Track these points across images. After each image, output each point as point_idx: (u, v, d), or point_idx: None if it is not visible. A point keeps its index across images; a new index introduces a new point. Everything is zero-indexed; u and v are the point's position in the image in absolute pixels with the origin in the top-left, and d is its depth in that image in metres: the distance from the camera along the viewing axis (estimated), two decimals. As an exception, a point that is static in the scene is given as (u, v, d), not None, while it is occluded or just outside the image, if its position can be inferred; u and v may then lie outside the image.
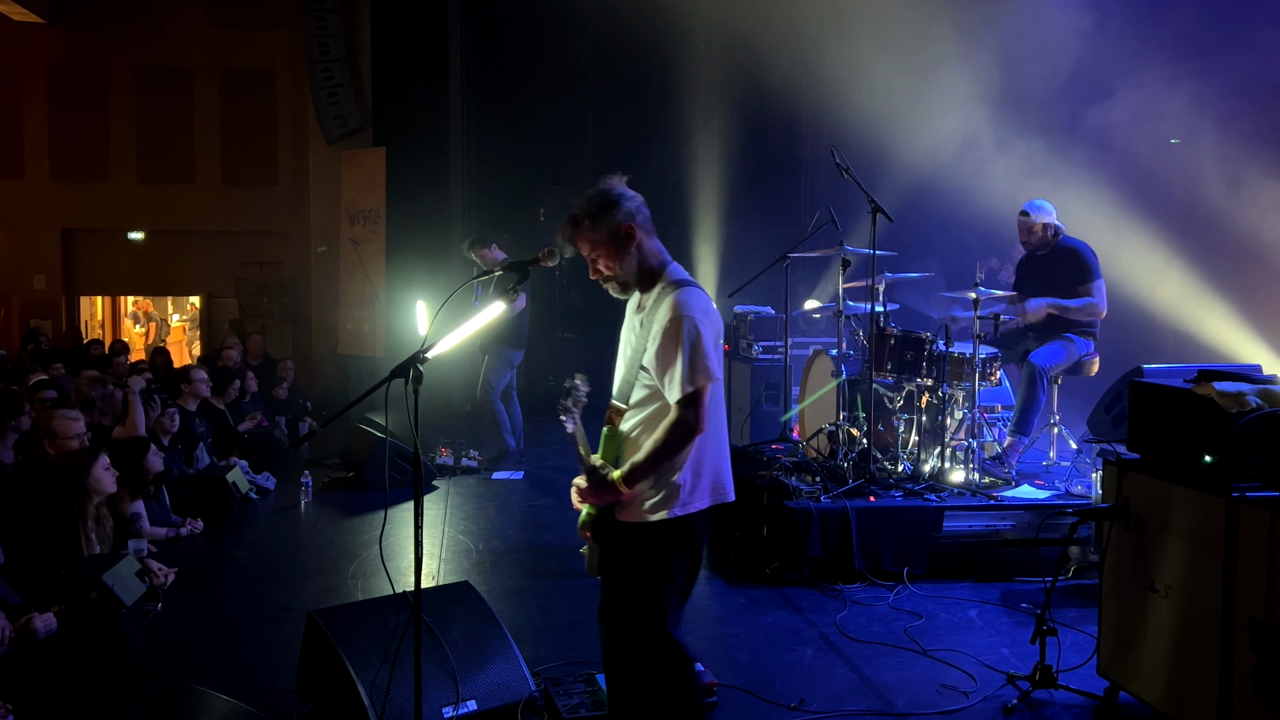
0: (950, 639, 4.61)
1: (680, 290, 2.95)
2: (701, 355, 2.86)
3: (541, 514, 6.89)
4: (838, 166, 5.91)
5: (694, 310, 2.90)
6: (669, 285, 2.99)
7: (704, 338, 2.88)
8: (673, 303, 2.91)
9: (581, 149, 11.62)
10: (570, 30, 11.33)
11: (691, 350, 2.85)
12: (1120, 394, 6.03)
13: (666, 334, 2.89)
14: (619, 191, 3.04)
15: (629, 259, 3.01)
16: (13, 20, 12.84)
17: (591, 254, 3.04)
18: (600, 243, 3.00)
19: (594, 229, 2.99)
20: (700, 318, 2.90)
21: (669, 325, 2.89)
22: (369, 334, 11.62)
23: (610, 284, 3.09)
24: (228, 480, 6.75)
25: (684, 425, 2.87)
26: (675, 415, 2.88)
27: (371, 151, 11.75)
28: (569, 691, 3.92)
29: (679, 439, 2.89)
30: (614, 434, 3.04)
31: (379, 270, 11.40)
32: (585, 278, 10.40)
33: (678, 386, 2.86)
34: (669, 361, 2.88)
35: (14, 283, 13.58)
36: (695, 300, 2.94)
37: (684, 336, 2.85)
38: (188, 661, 4.39)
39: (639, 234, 3.01)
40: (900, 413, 6.18)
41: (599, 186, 3.07)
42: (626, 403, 3.03)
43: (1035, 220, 6.45)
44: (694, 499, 2.98)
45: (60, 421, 5.37)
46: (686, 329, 2.86)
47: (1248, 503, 3.22)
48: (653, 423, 2.96)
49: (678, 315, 2.88)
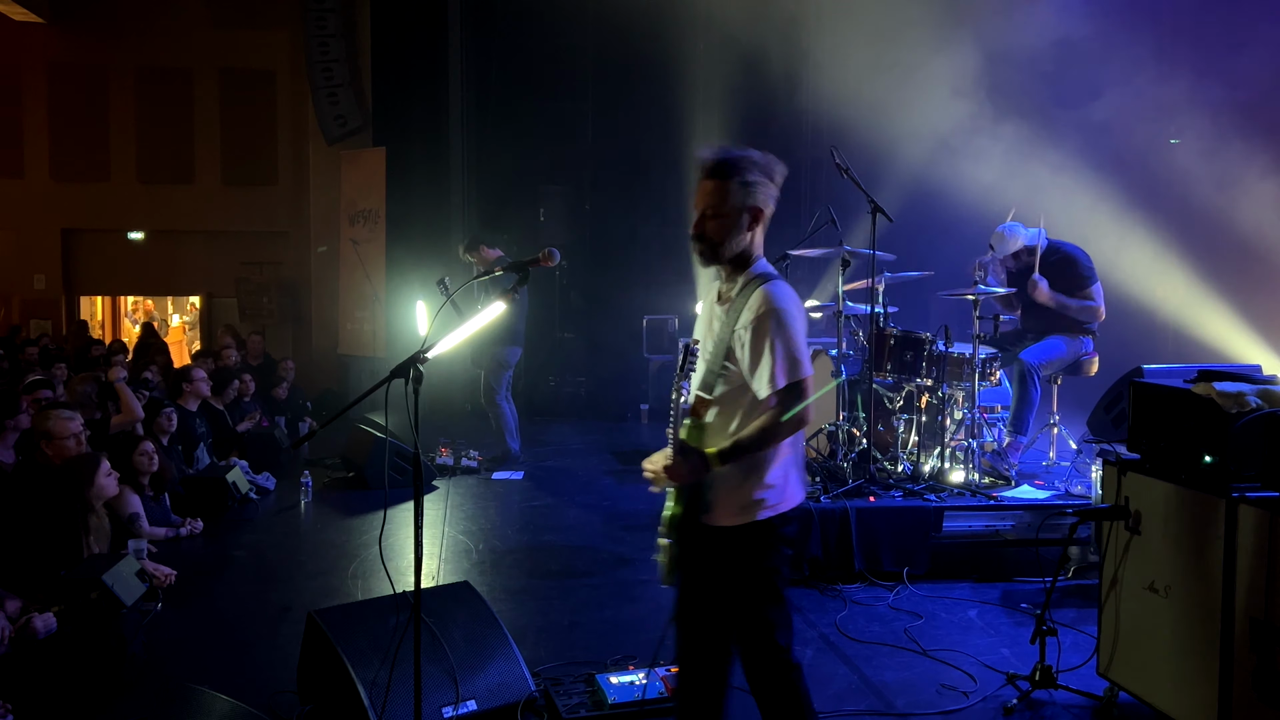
0: (950, 639, 4.61)
1: (771, 283, 2.85)
2: (796, 349, 2.79)
3: (541, 514, 6.90)
4: (837, 166, 5.91)
5: (787, 303, 2.82)
6: (758, 278, 2.88)
7: (796, 333, 2.81)
8: (765, 294, 2.82)
9: (581, 149, 11.62)
10: (570, 30, 11.33)
11: (786, 344, 2.78)
12: (1120, 394, 6.04)
13: (759, 327, 2.79)
14: (775, 171, 2.90)
15: (742, 237, 2.88)
16: (13, 20, 12.84)
17: (711, 207, 2.86)
18: (732, 203, 2.85)
19: (742, 188, 2.84)
20: (793, 310, 2.82)
21: (762, 317, 2.79)
22: (369, 334, 11.62)
23: (704, 246, 2.90)
24: (228, 480, 6.75)
25: (790, 416, 2.77)
26: (779, 407, 2.77)
27: (371, 151, 11.75)
28: (569, 691, 3.92)
29: (785, 429, 2.79)
30: (699, 425, 2.93)
31: (379, 270, 11.40)
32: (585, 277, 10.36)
33: (772, 379, 2.77)
34: (760, 354, 2.79)
35: (14, 283, 13.58)
36: (787, 294, 2.85)
37: (778, 329, 2.77)
38: (188, 661, 4.39)
39: (763, 220, 2.91)
40: (900, 413, 6.18)
41: (763, 155, 2.90)
42: (710, 393, 2.92)
43: (1008, 250, 6.40)
44: (785, 497, 2.90)
45: (56, 422, 5.37)
46: (782, 321, 2.78)
47: (1247, 503, 3.22)
48: (734, 415, 2.87)
49: (772, 308, 2.79)
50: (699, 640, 2.99)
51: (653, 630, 4.73)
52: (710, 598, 2.93)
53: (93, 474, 4.96)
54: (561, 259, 3.09)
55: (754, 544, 2.88)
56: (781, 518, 2.90)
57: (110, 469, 5.09)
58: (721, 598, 2.91)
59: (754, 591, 2.89)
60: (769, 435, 2.80)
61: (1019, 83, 9.22)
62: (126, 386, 6.46)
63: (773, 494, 2.87)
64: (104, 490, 5.00)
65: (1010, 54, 8.95)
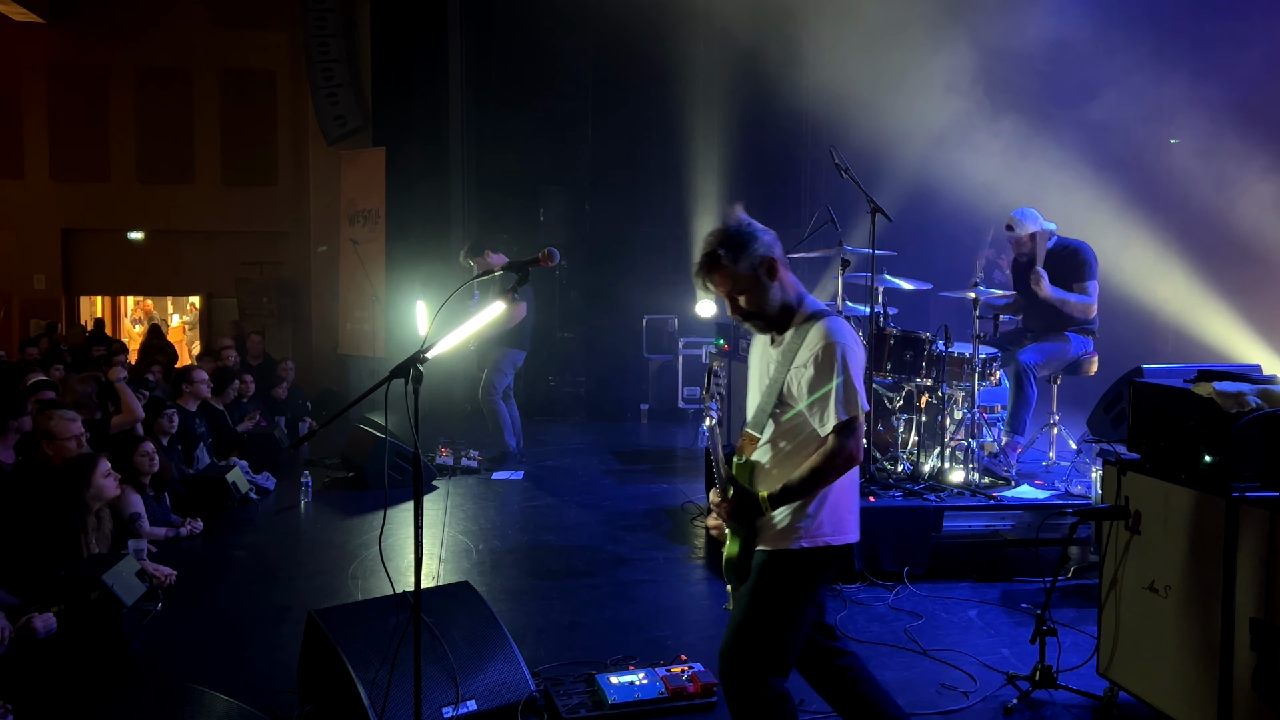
0: (950, 639, 4.61)
1: (827, 319, 2.86)
2: (854, 383, 2.78)
3: (541, 514, 6.90)
4: (837, 166, 5.91)
5: (846, 338, 2.82)
6: (811, 316, 2.89)
7: (855, 367, 2.80)
8: (823, 330, 2.83)
9: (581, 149, 11.63)
10: (570, 30, 11.33)
11: (845, 377, 2.77)
12: (1120, 394, 6.04)
13: (820, 362, 2.79)
14: (752, 224, 2.91)
15: (773, 293, 2.90)
16: (13, 20, 12.84)
17: (732, 291, 2.89)
18: (743, 277, 2.87)
19: (736, 263, 2.85)
20: (852, 345, 2.82)
21: (822, 353, 2.80)
22: (369, 334, 11.62)
23: (753, 321, 2.95)
24: (228, 480, 6.75)
25: (844, 453, 2.78)
26: (833, 444, 2.78)
27: (371, 151, 11.75)
28: (569, 691, 3.92)
29: (838, 467, 2.80)
30: (746, 463, 2.96)
31: (379, 270, 11.40)
32: (585, 277, 10.39)
33: (832, 414, 2.77)
34: (821, 388, 2.79)
35: (14, 283, 13.58)
36: (844, 329, 2.85)
37: (838, 364, 2.77)
38: (188, 661, 4.39)
39: (780, 266, 2.90)
40: (900, 413, 6.18)
41: (728, 221, 2.93)
42: (760, 432, 2.94)
43: (1021, 233, 6.44)
44: (825, 531, 2.87)
45: (58, 422, 5.37)
46: (840, 355, 2.78)
47: (1248, 503, 3.22)
48: (791, 452, 2.88)
49: (831, 342, 2.79)
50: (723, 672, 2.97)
51: (653, 630, 4.74)
52: (742, 622, 2.89)
53: (91, 474, 4.95)
54: (561, 259, 3.09)
55: (782, 569, 2.86)
56: (820, 553, 2.86)
57: (110, 469, 5.09)
58: (748, 619, 2.87)
59: (764, 613, 2.86)
60: (819, 476, 2.80)
61: (1018, 82, 9.22)
62: (127, 387, 6.46)
63: (809, 523, 2.85)
64: (103, 491, 5.00)
65: (1009, 53, 8.96)
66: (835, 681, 3.06)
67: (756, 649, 2.84)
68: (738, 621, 2.88)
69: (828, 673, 3.07)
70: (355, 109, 12.09)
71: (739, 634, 2.86)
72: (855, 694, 3.04)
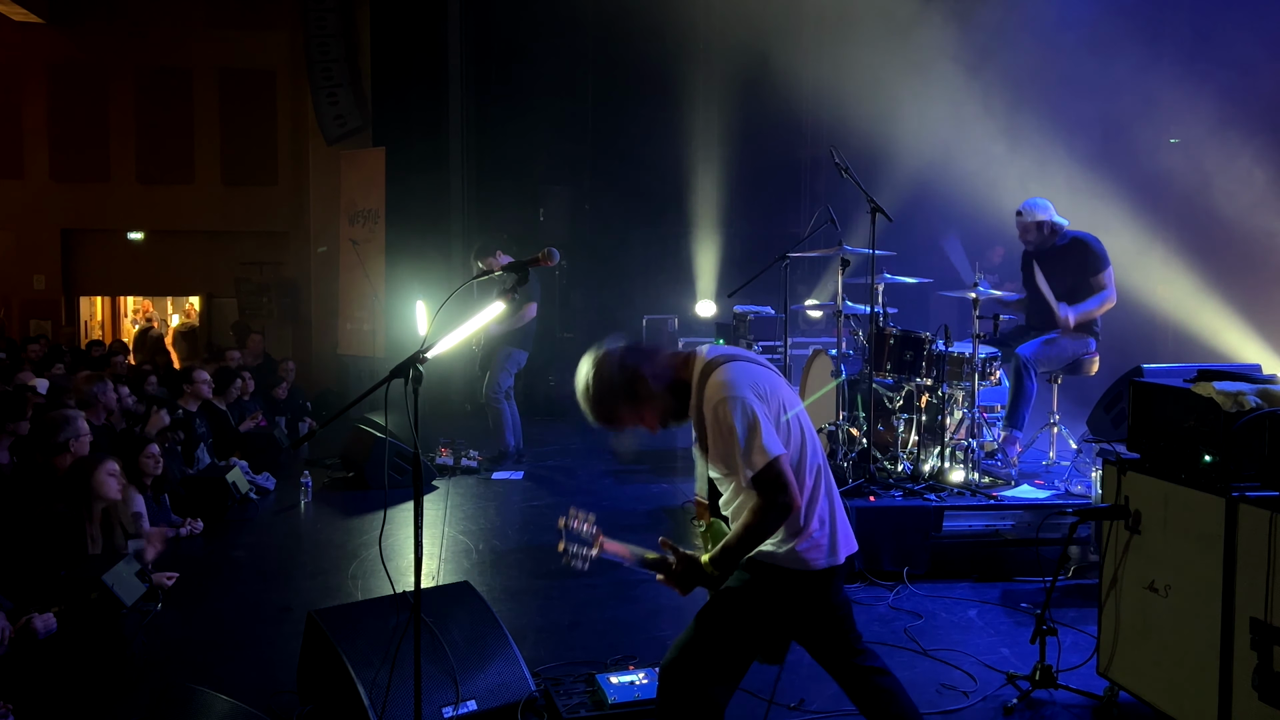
0: (950, 639, 4.61)
1: (716, 371, 2.80)
2: (758, 433, 2.69)
3: (541, 514, 6.89)
4: (837, 166, 5.91)
5: (738, 389, 2.74)
6: (703, 370, 2.84)
7: (756, 412, 2.71)
8: (713, 383, 2.78)
9: (581, 149, 11.63)
10: (570, 30, 11.34)
11: (748, 430, 2.69)
12: (1120, 393, 6.03)
13: (718, 421, 2.74)
14: (595, 363, 2.87)
15: (657, 400, 2.87)
16: (13, 20, 12.84)
17: (639, 423, 2.92)
18: (630, 412, 2.88)
19: (613, 412, 2.86)
20: (745, 394, 2.73)
21: (717, 410, 2.74)
22: (369, 334, 11.62)
23: (671, 422, 2.94)
24: (228, 480, 6.75)
25: (774, 505, 2.69)
26: (758, 500, 2.71)
27: (371, 151, 11.75)
28: (569, 691, 3.92)
29: (772, 520, 2.72)
30: (709, 527, 2.95)
31: (379, 270, 11.40)
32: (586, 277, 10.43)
33: (746, 468, 2.70)
34: (730, 447, 2.73)
35: (14, 283, 13.58)
36: (735, 376, 2.77)
37: (734, 418, 2.70)
38: (188, 661, 4.39)
39: (643, 372, 2.85)
40: (900, 412, 6.18)
41: (579, 374, 2.91)
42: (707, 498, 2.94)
43: (1029, 220, 6.44)
44: (796, 559, 2.81)
45: (72, 423, 5.38)
46: (734, 410, 2.71)
47: (1248, 502, 3.21)
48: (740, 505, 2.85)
49: (721, 398, 2.74)
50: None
51: (653, 630, 4.73)
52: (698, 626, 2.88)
53: (94, 475, 4.95)
54: (561, 259, 3.09)
55: (752, 585, 2.83)
56: (791, 576, 2.80)
57: (117, 469, 5.09)
58: (702, 625, 2.86)
59: (723, 623, 2.83)
60: (754, 534, 2.74)
61: (1018, 82, 9.22)
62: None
63: (779, 546, 2.80)
64: (106, 491, 5.00)
65: (1009, 53, 8.96)
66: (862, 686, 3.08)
67: (705, 657, 2.82)
68: (694, 634, 2.87)
69: (855, 675, 3.07)
70: (355, 109, 12.09)
71: (697, 636, 2.86)
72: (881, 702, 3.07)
